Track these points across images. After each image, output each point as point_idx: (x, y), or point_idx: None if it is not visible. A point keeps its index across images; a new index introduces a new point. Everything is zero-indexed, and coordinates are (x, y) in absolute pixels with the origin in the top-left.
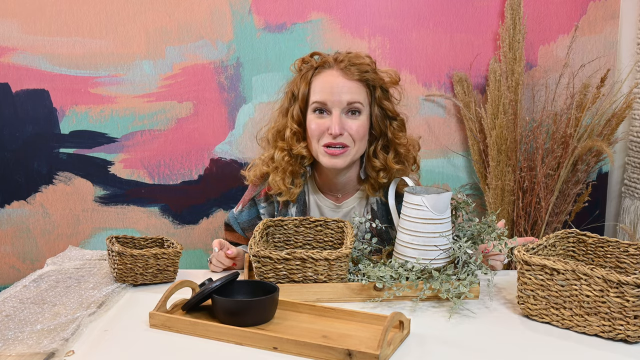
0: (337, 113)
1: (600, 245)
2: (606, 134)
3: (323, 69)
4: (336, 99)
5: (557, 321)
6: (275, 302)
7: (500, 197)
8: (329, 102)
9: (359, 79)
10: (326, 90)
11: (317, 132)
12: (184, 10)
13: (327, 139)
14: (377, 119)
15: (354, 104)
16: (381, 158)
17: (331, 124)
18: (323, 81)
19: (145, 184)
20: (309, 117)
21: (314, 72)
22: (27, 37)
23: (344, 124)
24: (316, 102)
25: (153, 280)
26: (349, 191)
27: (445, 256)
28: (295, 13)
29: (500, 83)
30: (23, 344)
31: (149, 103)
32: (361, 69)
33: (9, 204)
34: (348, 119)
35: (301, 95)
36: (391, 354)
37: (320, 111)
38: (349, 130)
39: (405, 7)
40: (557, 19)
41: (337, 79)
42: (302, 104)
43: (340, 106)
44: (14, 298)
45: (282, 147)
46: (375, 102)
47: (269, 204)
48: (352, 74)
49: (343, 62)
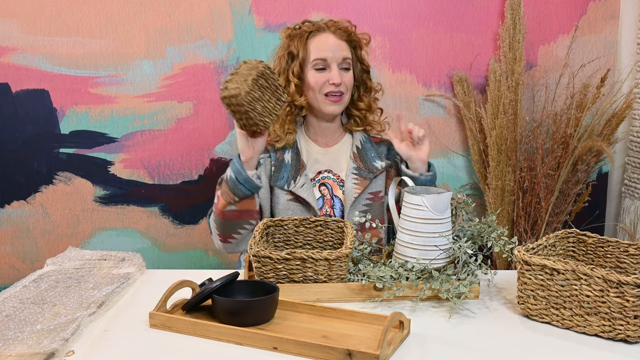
0: (336, 67)
1: (600, 245)
2: (606, 134)
3: (317, 33)
4: (334, 55)
5: (557, 321)
6: (275, 302)
7: (500, 197)
8: (329, 58)
9: (346, 39)
10: (325, 49)
11: (320, 84)
12: (184, 10)
13: (329, 88)
14: (359, 72)
15: (346, 60)
16: (365, 101)
17: (332, 76)
18: (321, 42)
19: (145, 184)
20: (309, 73)
21: (308, 35)
22: (27, 37)
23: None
24: (318, 59)
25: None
26: (335, 138)
27: (445, 256)
28: (295, 13)
29: (500, 83)
30: (23, 344)
31: (149, 103)
32: (347, 31)
33: (9, 204)
34: (342, 72)
35: (301, 55)
36: (391, 354)
37: (320, 67)
38: (344, 80)
39: (405, 7)
40: (557, 19)
41: (332, 39)
42: (302, 62)
43: (337, 61)
44: (14, 298)
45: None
46: (357, 59)
47: (267, 157)
48: (341, 35)
49: (332, 26)
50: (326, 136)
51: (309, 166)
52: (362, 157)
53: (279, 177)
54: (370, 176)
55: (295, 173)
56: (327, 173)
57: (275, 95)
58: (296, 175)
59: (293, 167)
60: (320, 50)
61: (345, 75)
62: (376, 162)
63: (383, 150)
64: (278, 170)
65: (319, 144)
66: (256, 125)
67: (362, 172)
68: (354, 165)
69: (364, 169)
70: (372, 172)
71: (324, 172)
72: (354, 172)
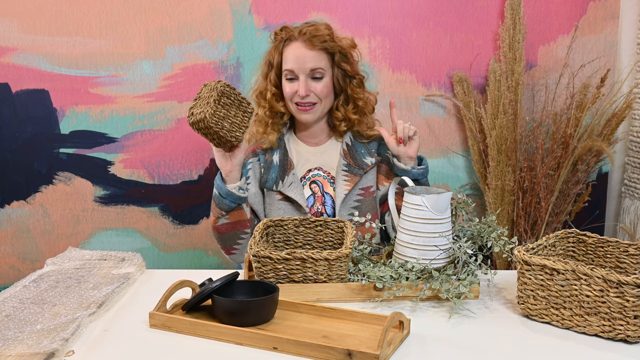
0: (303, 78)
1: (600, 245)
2: (606, 134)
3: (290, 42)
4: (301, 66)
5: (557, 321)
6: (275, 302)
7: (500, 197)
8: (296, 70)
9: (320, 48)
10: (293, 60)
11: (290, 94)
12: (184, 10)
13: (297, 99)
14: (337, 79)
15: (316, 70)
16: (342, 111)
17: (299, 88)
18: (291, 52)
19: (145, 184)
20: (283, 82)
21: (283, 44)
22: (27, 37)
23: (309, 86)
24: (287, 70)
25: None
26: (323, 138)
27: (445, 256)
28: (295, 13)
29: (500, 83)
30: (23, 344)
31: (149, 103)
32: (320, 39)
33: (9, 204)
34: (313, 82)
35: (276, 63)
36: (391, 354)
37: (291, 78)
38: (314, 90)
39: (405, 7)
40: (557, 19)
41: (301, 50)
42: (277, 70)
43: (305, 72)
44: (14, 298)
45: (264, 106)
46: (335, 65)
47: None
48: (313, 44)
49: (306, 34)
50: (314, 137)
51: (300, 165)
52: (352, 154)
53: (267, 178)
54: (360, 172)
55: (283, 173)
56: (317, 171)
57: (240, 109)
58: (284, 175)
59: (281, 167)
60: (289, 62)
61: (315, 85)
62: (366, 158)
63: (373, 146)
64: (267, 172)
65: (309, 143)
66: (229, 141)
67: (352, 168)
68: (344, 162)
69: (354, 166)
70: (362, 168)
71: (314, 170)
72: (344, 169)
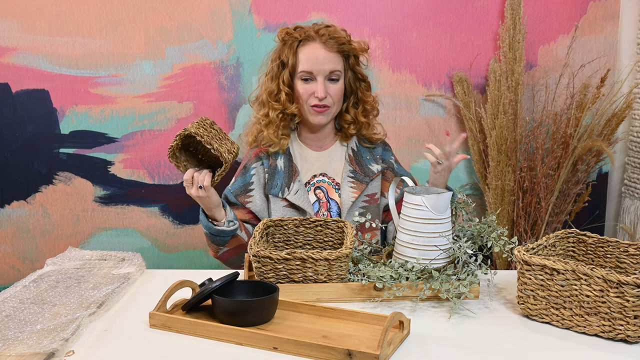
0: (322, 80)
1: (600, 245)
2: (606, 134)
3: (307, 42)
4: (320, 68)
5: (557, 321)
6: (275, 302)
7: (500, 197)
8: (315, 71)
9: (337, 51)
10: (312, 61)
11: (305, 96)
12: (184, 10)
13: (314, 101)
14: (350, 82)
15: (334, 72)
16: (352, 113)
17: (317, 89)
18: (308, 53)
19: (145, 184)
20: (297, 83)
21: (298, 43)
22: (27, 37)
23: (326, 88)
24: (303, 71)
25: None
26: (328, 142)
27: (445, 256)
28: (295, 13)
29: (500, 83)
30: (23, 344)
31: (149, 103)
32: (339, 41)
33: (9, 204)
34: (329, 83)
35: (290, 64)
36: (391, 354)
37: (306, 79)
38: (330, 92)
39: (405, 7)
40: (557, 19)
41: (320, 51)
42: (292, 70)
43: (323, 74)
44: (14, 298)
45: (276, 108)
46: (349, 68)
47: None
48: (331, 46)
49: (324, 36)
50: (319, 140)
51: (304, 171)
52: (358, 160)
53: (272, 185)
54: (367, 180)
55: (289, 180)
56: (321, 177)
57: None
58: (289, 182)
59: (286, 173)
60: (307, 62)
61: (332, 87)
62: (372, 165)
63: (378, 152)
64: (272, 178)
65: (313, 147)
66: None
67: (359, 175)
68: (349, 168)
69: (360, 173)
70: (369, 175)
71: (319, 176)
72: (350, 176)
